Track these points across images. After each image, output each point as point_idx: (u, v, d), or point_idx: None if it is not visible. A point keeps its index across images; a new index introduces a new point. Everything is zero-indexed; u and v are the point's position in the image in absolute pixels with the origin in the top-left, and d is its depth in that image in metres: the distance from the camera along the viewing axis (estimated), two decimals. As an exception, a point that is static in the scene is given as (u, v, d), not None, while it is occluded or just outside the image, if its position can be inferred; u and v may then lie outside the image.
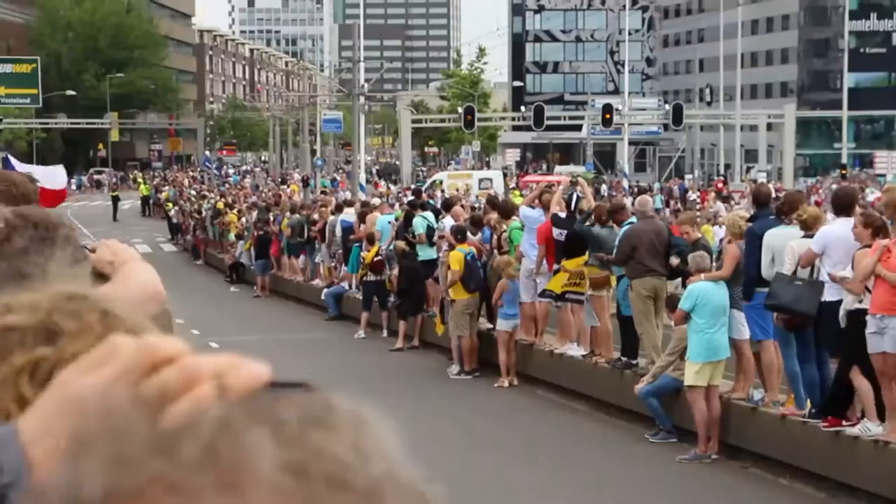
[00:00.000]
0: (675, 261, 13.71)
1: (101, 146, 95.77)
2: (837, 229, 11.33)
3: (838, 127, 75.62)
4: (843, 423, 11.11)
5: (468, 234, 18.11)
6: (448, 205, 21.86)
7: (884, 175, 58.65)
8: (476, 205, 26.92)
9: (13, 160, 12.00)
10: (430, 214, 20.98)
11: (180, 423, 0.66)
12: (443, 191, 39.76)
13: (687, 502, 11.18)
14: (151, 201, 64.49)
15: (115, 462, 0.64)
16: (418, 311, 20.05)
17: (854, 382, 10.82)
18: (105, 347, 0.71)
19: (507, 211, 17.88)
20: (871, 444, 10.77)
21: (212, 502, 0.63)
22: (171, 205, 50.14)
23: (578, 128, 77.42)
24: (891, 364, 10.36)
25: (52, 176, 11.92)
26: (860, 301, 10.60)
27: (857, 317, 10.58)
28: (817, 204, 24.59)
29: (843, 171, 64.28)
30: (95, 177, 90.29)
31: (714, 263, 13.24)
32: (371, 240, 21.90)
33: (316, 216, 26.95)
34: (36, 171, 11.82)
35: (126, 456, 0.64)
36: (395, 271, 20.64)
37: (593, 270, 15.21)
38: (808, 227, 11.65)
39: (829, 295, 11.13)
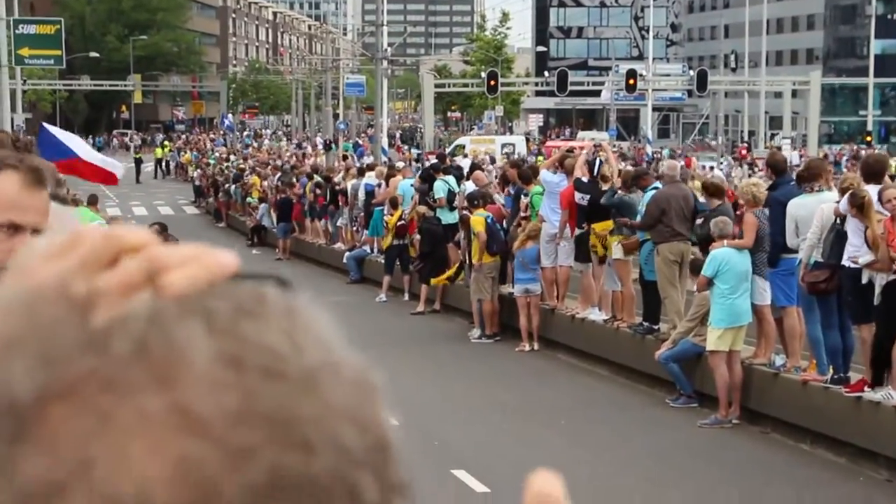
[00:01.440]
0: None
1: (123, 108, 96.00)
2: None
3: (864, 94, 75.06)
4: (865, 388, 11.10)
5: (491, 197, 18.12)
6: (471, 169, 21.83)
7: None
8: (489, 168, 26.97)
9: (49, 127, 11.86)
10: (451, 178, 20.98)
11: (110, 319, 0.65)
12: (466, 155, 39.74)
13: (707, 467, 11.20)
14: (173, 164, 64.65)
15: (45, 361, 0.64)
16: (441, 274, 20.05)
17: (892, 350, 10.82)
18: (69, 237, 0.70)
19: (528, 176, 17.85)
20: (892, 410, 10.76)
21: (147, 397, 0.63)
22: (193, 167, 50.28)
23: (602, 93, 77.05)
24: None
25: (112, 164, 11.86)
26: (894, 272, 10.67)
27: (893, 288, 10.62)
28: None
29: (868, 139, 63.87)
30: (122, 138, 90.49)
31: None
32: (394, 204, 21.90)
33: (338, 179, 26.96)
34: (82, 146, 11.68)
35: (55, 354, 0.64)
36: (417, 235, 20.67)
37: (622, 238, 15.16)
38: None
39: (850, 258, 11.12)
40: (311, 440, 0.65)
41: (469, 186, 19.50)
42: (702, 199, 14.49)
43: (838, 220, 11.32)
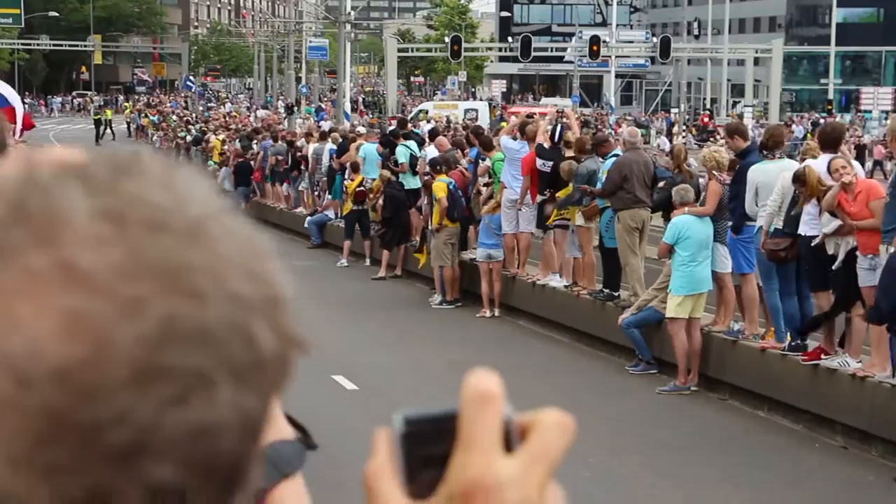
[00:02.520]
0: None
1: (83, 69, 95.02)
2: (822, 165, 11.32)
3: (825, 62, 75.39)
4: (822, 356, 11.18)
5: (456, 162, 18.08)
6: (433, 134, 21.75)
7: (870, 111, 58.64)
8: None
9: None
10: (412, 143, 20.91)
11: None
12: (428, 120, 39.61)
13: (665, 433, 11.25)
14: (134, 126, 64.05)
15: None
16: (403, 240, 20.00)
17: (852, 318, 10.90)
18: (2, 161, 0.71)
19: (489, 143, 17.81)
20: (848, 377, 10.85)
21: (29, 257, 0.64)
22: (153, 129, 49.87)
23: (565, 59, 76.94)
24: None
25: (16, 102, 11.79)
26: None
27: (853, 256, 10.68)
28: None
29: (829, 107, 64.25)
30: (85, 99, 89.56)
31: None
32: (355, 168, 21.80)
33: (300, 143, 26.82)
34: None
35: None
36: (381, 200, 20.59)
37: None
38: None
39: (808, 229, 11.16)
40: (202, 289, 0.65)
41: (431, 151, 19.43)
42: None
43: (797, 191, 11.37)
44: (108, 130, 63.01)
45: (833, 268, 10.84)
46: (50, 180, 0.66)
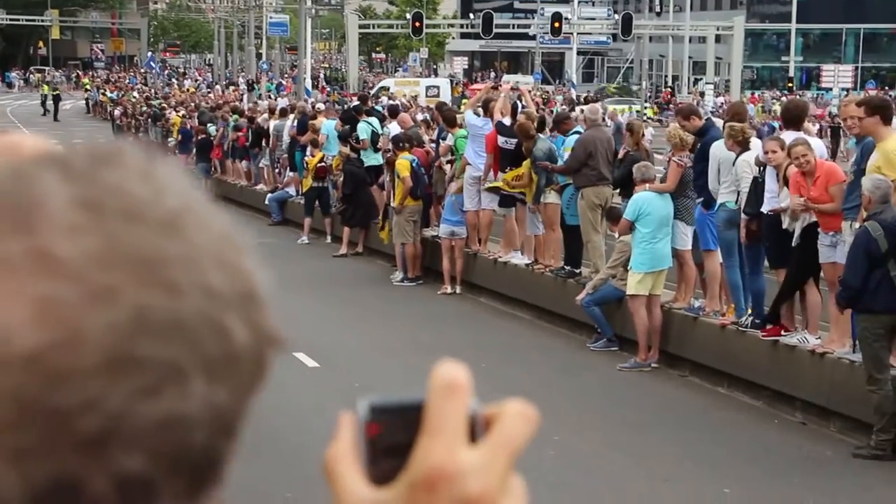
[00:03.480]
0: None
1: (41, 44, 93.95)
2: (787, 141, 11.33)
3: (786, 40, 75.69)
4: (782, 332, 11.23)
5: (419, 139, 18.00)
6: (393, 111, 21.65)
7: (830, 89, 58.96)
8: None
9: None
10: (374, 120, 20.82)
11: None
12: (389, 97, 39.47)
13: (626, 409, 11.29)
14: (92, 102, 63.43)
15: None
16: (367, 218, 19.82)
17: (807, 294, 10.94)
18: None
19: (452, 119, 17.74)
20: (807, 354, 10.91)
21: (6, 244, 0.64)
22: (112, 105, 49.44)
23: (527, 36, 76.88)
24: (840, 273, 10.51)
25: None
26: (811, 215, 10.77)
27: (810, 231, 10.70)
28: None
29: (790, 85, 64.56)
30: (35, 75, 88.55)
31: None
32: (315, 144, 21.69)
33: (260, 120, 26.65)
34: None
35: None
36: (341, 177, 20.49)
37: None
38: (744, 144, 11.68)
39: (769, 207, 11.18)
40: (177, 280, 0.66)
41: (394, 128, 19.34)
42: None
43: (760, 169, 11.38)
44: (47, 105, 61.76)
45: (792, 244, 10.86)
46: (29, 168, 0.66)
